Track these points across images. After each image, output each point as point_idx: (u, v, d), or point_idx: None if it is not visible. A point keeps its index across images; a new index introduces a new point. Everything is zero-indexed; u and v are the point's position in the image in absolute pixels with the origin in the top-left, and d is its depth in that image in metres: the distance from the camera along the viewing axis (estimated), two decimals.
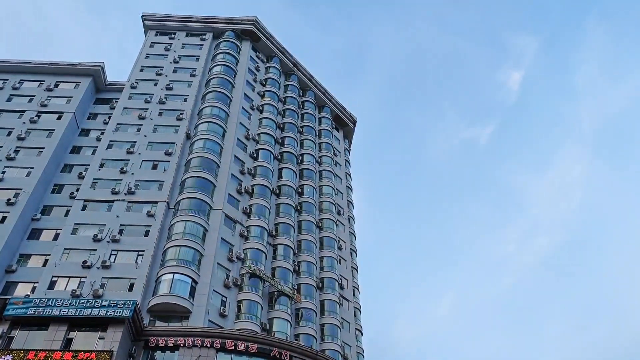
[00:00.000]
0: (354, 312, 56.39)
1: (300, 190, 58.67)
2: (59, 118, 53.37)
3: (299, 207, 56.64)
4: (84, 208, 45.75)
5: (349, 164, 74.60)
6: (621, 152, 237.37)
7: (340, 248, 58.82)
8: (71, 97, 55.83)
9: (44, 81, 57.29)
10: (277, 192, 55.85)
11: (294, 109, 67.33)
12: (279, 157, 59.67)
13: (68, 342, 33.49)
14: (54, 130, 51.83)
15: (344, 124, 76.65)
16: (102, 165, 49.44)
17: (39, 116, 53.36)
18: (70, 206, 46.00)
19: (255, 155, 56.63)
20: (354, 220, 67.33)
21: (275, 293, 46.64)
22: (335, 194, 63.66)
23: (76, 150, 52.77)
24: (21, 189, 45.39)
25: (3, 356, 31.12)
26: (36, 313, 33.73)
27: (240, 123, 57.40)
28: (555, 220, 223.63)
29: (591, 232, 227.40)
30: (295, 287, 49.30)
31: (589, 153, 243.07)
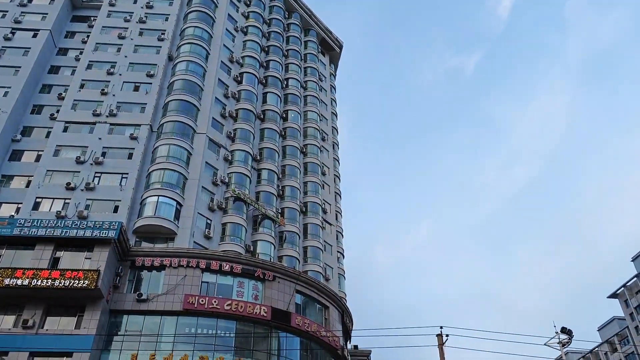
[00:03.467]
0: (336, 235, 57.82)
1: (284, 116, 58.30)
2: (34, 36, 51.40)
3: (283, 133, 56.52)
4: (65, 130, 45.20)
5: (335, 89, 73.78)
6: (606, 85, 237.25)
7: (324, 173, 59.40)
8: (46, 13, 53.44)
9: None
10: (262, 116, 55.45)
11: (279, 31, 65.55)
12: (264, 81, 58.73)
13: (55, 261, 34.10)
14: (30, 48, 50.06)
15: (329, 48, 75.02)
16: (82, 86, 48.40)
17: (13, 33, 51.34)
18: (51, 128, 45.36)
19: (239, 78, 55.65)
20: (338, 146, 67.56)
21: (260, 216, 47.45)
22: (320, 120, 63.40)
23: (54, 70, 51.26)
24: None
25: None
26: (22, 233, 34.03)
27: (224, 45, 55.95)
28: (536, 151, 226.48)
29: (569, 163, 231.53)
30: (279, 211, 50.14)
31: (573, 85, 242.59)
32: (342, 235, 59.77)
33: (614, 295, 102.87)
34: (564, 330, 30.62)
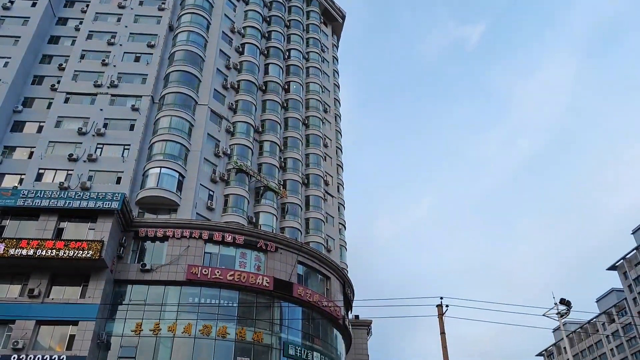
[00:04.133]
0: (338, 207, 58.05)
1: (286, 87, 57.92)
2: (33, 5, 50.65)
3: (285, 104, 56.23)
4: (66, 101, 45.03)
5: (337, 61, 73.09)
6: (611, 57, 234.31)
7: (325, 145, 59.30)
8: None
9: None
10: (263, 88, 55.10)
11: (281, 1, 64.60)
12: (265, 52, 58.14)
13: (59, 232, 34.39)
14: (29, 18, 49.42)
15: (332, 18, 74.00)
16: (82, 57, 48.01)
17: (12, 2, 50.61)
18: (52, 99, 45.16)
19: (240, 49, 55.10)
20: (340, 118, 67.25)
21: (262, 188, 47.59)
22: (322, 92, 62.97)
23: (54, 40, 50.70)
24: (0, 80, 44.15)
25: None
26: (25, 204, 34.24)
27: (225, 15, 55.26)
28: (539, 124, 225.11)
29: (572, 136, 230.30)
30: (281, 183, 50.26)
31: (578, 57, 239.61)
32: (344, 207, 60.00)
33: (613, 268, 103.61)
34: (562, 301, 30.97)
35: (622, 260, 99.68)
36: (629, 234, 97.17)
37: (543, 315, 31.05)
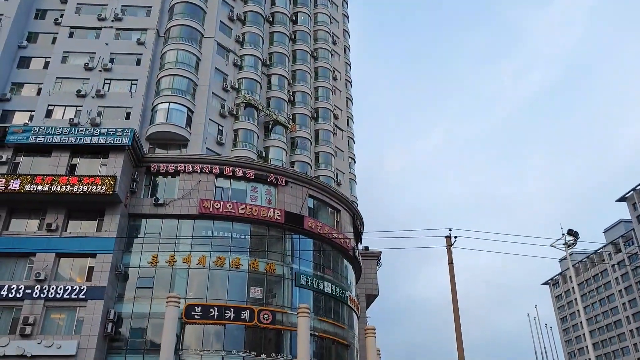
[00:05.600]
0: (348, 141, 57.94)
1: (294, 18, 56.39)
2: None
3: (293, 36, 54.96)
4: (70, 35, 44.31)
5: None
6: None
7: (335, 78, 58.41)
8: None
9: None
10: (271, 19, 53.69)
11: None
12: None
13: (72, 168, 34.84)
14: None
15: None
16: None
17: None
18: (57, 33, 44.41)
19: None
20: (349, 50, 65.77)
21: (271, 122, 47.44)
22: (330, 23, 61.27)
23: None
24: (2, 15, 43.33)
25: (12, 180, 32.51)
26: (37, 140, 34.50)
27: None
28: (553, 56, 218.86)
29: (587, 68, 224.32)
30: (290, 117, 50.01)
31: None
32: (354, 141, 59.88)
33: (622, 199, 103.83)
34: (570, 232, 31.26)
35: (632, 192, 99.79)
36: None
37: (550, 245, 31.44)
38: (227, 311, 33.60)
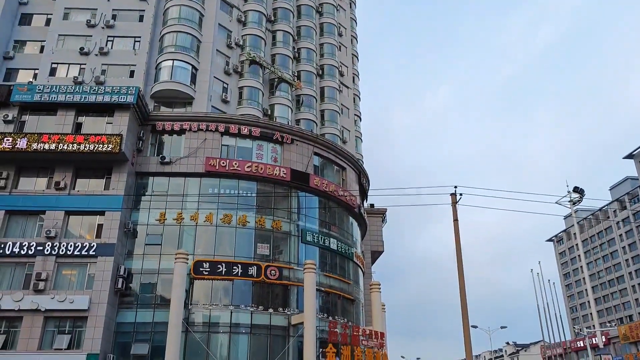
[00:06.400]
0: (353, 98, 57.46)
1: None
2: None
3: None
4: None
5: None
6: None
7: (340, 34, 57.43)
8: None
9: None
10: None
11: None
12: None
13: (78, 126, 34.85)
14: None
15: None
16: None
17: None
18: None
19: None
20: (354, 4, 64.42)
21: (276, 80, 47.01)
22: None
23: None
24: None
25: (19, 139, 32.61)
26: (42, 99, 34.42)
27: None
28: (564, 7, 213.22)
29: (599, 22, 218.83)
30: (296, 74, 49.50)
31: None
32: (359, 99, 59.38)
33: (629, 156, 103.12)
34: (576, 189, 31.31)
35: (639, 149, 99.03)
36: None
37: (556, 202, 31.56)
38: (234, 267, 34.22)
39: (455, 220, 26.26)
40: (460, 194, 26.40)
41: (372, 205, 52.48)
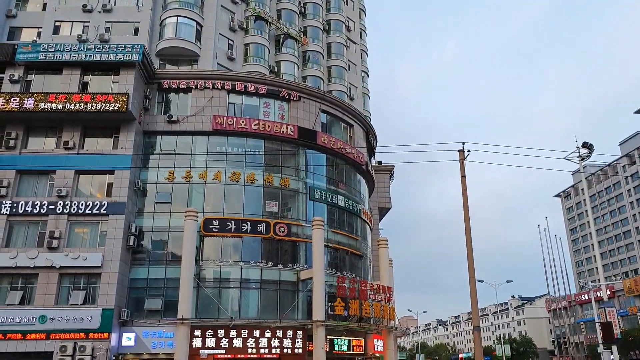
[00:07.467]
0: (361, 54, 56.64)
1: None
2: None
3: None
4: None
5: None
6: None
7: None
8: None
9: None
10: None
11: None
12: None
13: (84, 85, 34.74)
14: None
15: None
16: None
17: None
18: None
19: None
20: None
21: (282, 36, 46.32)
22: None
23: None
24: None
25: (26, 99, 32.62)
26: (47, 58, 34.14)
27: None
28: None
29: None
30: (302, 30, 48.70)
31: None
32: (367, 54, 58.53)
33: None
34: (585, 144, 31.03)
35: None
36: None
37: (564, 158, 31.30)
38: (243, 224, 34.64)
39: (463, 176, 26.28)
40: (469, 150, 26.33)
41: (379, 162, 52.47)
